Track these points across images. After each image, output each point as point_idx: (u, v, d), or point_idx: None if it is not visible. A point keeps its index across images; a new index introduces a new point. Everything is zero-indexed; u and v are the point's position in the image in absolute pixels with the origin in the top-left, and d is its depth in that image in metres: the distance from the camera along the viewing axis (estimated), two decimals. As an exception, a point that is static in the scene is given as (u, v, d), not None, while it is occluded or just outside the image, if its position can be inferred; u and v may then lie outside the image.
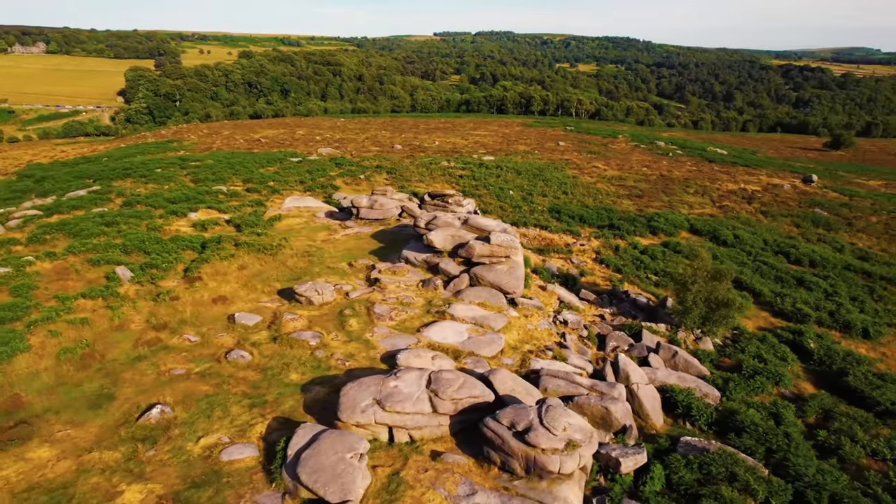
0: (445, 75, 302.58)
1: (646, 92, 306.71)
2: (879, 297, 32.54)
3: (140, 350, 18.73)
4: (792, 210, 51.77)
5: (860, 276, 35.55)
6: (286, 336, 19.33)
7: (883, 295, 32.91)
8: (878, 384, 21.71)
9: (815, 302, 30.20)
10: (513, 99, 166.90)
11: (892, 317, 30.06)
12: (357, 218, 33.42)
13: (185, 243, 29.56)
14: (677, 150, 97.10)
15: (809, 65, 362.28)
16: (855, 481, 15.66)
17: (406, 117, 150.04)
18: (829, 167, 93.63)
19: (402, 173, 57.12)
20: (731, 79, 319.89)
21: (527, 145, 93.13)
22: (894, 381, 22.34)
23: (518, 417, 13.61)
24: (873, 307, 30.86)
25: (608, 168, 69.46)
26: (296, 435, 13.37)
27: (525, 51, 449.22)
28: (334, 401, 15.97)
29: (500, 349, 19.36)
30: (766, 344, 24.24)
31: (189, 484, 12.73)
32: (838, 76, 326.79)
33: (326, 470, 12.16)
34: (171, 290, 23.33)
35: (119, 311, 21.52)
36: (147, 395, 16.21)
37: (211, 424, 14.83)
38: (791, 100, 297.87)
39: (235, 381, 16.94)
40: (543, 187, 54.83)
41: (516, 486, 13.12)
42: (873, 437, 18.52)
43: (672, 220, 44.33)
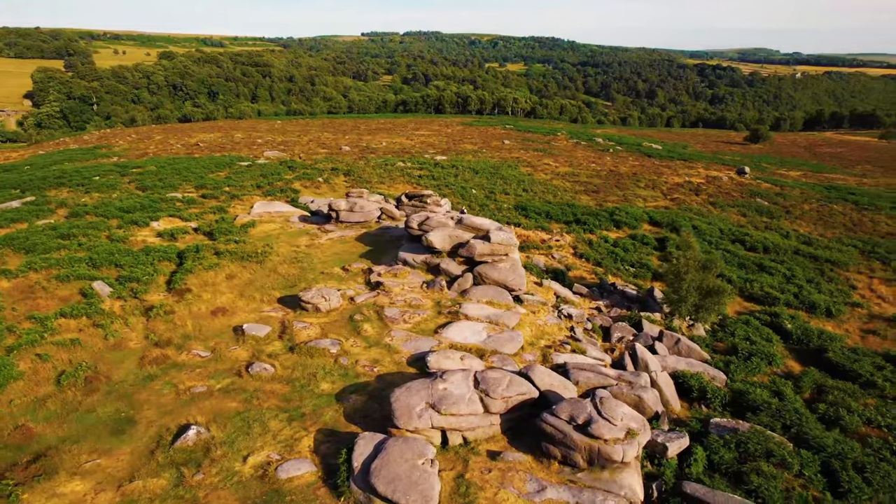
0: (377, 75, 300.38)
1: (574, 90, 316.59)
2: (830, 279, 35.17)
3: (149, 369, 17.57)
4: (736, 200, 55.07)
5: (809, 260, 38.28)
6: (303, 345, 18.69)
7: (832, 276, 35.60)
8: (854, 358, 23.51)
9: (780, 285, 32.28)
10: (450, 99, 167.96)
11: (845, 296, 32.59)
12: (337, 221, 32.68)
13: (160, 254, 27.95)
14: (617, 147, 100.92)
15: (721, 64, 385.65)
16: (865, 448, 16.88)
17: (344, 118, 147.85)
18: (753, 160, 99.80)
19: (361, 175, 56.33)
20: (653, 77, 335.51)
21: (473, 144, 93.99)
22: (866, 355, 24.27)
23: (576, 411, 13.82)
24: (828, 288, 33.34)
25: (559, 165, 71.29)
26: (357, 446, 13.00)
27: (454, 50, 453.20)
28: (374, 408, 15.71)
29: (520, 346, 19.53)
30: (751, 327, 25.72)
31: (251, 505, 12.12)
32: (747, 75, 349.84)
33: (402, 478, 11.90)
34: (163, 304, 22.01)
35: (111, 329, 20.11)
36: (172, 416, 15.26)
37: (253, 442, 14.15)
38: (707, 97, 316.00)
39: (264, 395, 16.23)
40: (503, 185, 55.59)
41: (581, 479, 13.32)
42: (864, 406, 20.05)
43: (632, 213, 46.08)
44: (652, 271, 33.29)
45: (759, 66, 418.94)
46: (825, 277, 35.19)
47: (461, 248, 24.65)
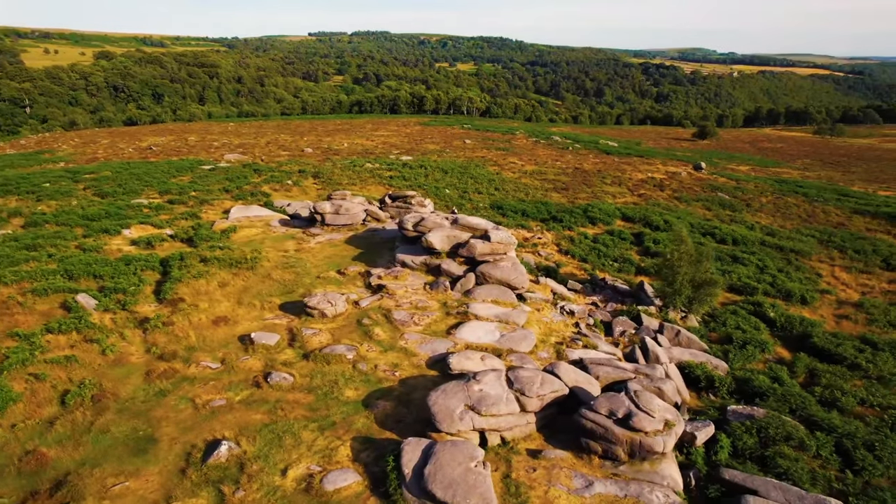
0: (328, 76, 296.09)
1: (524, 90, 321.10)
2: (797, 268, 36.91)
3: (159, 384, 16.77)
4: (699, 195, 57.10)
5: (775, 251, 40.08)
6: (318, 352, 18.25)
7: (799, 265, 37.38)
8: (837, 342, 24.78)
9: (755, 276, 33.67)
10: (405, 99, 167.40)
11: (814, 284, 34.27)
12: (323, 224, 32.05)
13: (142, 263, 26.74)
14: (575, 144, 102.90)
15: (665, 63, 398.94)
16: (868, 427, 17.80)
17: (300, 120, 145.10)
18: (704, 155, 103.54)
19: (330, 177, 55.43)
20: (601, 76, 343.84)
21: (435, 144, 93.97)
22: (847, 339, 25.62)
23: (614, 405, 14.03)
24: (797, 276, 34.99)
25: (525, 163, 72.10)
26: (404, 452, 12.80)
27: (404, 51, 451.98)
28: (404, 413, 15.52)
29: (533, 344, 19.68)
30: (739, 317, 26.73)
31: (302, 519, 11.75)
32: (689, 73, 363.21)
33: (459, 482, 11.79)
34: (159, 315, 21.06)
35: (107, 344, 19.09)
36: (195, 432, 14.63)
37: (288, 454, 13.72)
38: (653, 95, 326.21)
39: (288, 405, 15.75)
40: (475, 184, 55.82)
41: (623, 472, 13.55)
42: (855, 387, 21.15)
43: (605, 209, 47.10)
44: (635, 266, 34.14)
45: (699, 65, 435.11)
46: (793, 266, 36.91)
47: (461, 248, 24.61)
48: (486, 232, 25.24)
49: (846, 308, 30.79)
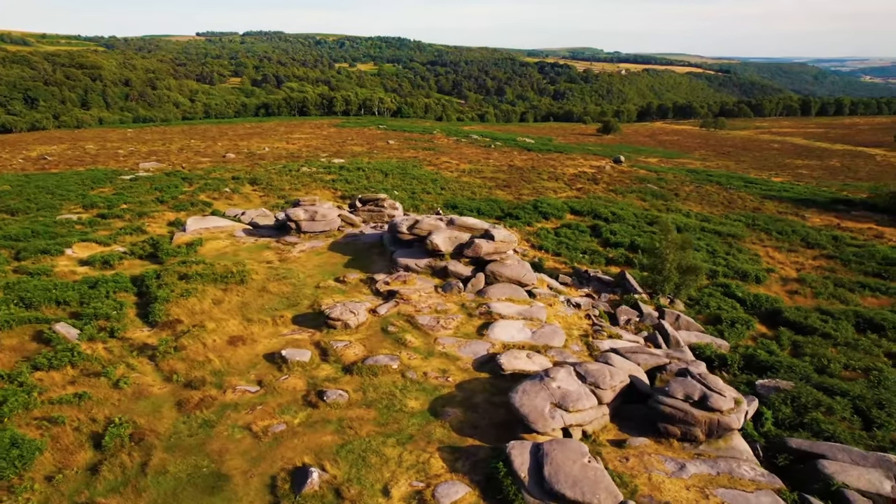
0: (224, 78, 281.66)
1: (428, 89, 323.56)
2: (739, 250, 40.20)
3: (200, 414, 15.37)
4: (630, 187, 60.49)
5: (715, 236, 43.39)
6: (360, 365, 17.53)
7: (740, 248, 40.73)
8: (804, 315, 27.35)
9: (710, 260, 36.25)
10: (314, 100, 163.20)
11: (759, 264, 37.48)
12: (300, 232, 30.64)
13: (112, 285, 24.31)
14: (496, 142, 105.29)
15: (559, 62, 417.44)
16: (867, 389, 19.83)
17: (205, 124, 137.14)
18: (614, 149, 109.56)
19: (270, 183, 53.06)
20: (500, 75, 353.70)
21: (359, 146, 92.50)
22: (808, 312, 28.30)
23: (688, 389, 14.69)
24: (743, 258, 38.11)
25: (459, 162, 72.84)
26: (513, 456, 12.68)
27: (301, 51, 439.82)
28: (475, 417, 15.41)
29: (564, 338, 20.08)
30: (716, 298, 28.73)
31: (430, 537, 11.33)
32: (581, 72, 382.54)
33: (582, 479, 11.88)
34: (165, 340, 19.24)
35: (115, 376, 17.22)
36: (267, 462, 13.60)
37: (381, 473, 13.14)
38: (550, 92, 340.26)
39: (354, 422, 15.03)
40: (420, 185, 55.66)
41: (705, 451, 14.25)
42: (834, 354, 23.45)
43: (553, 204, 48.71)
44: (604, 257, 35.63)
45: (589, 64, 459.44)
46: (735, 249, 40.16)
47: (466, 249, 24.56)
48: (487, 231, 25.36)
49: (792, 284, 33.98)
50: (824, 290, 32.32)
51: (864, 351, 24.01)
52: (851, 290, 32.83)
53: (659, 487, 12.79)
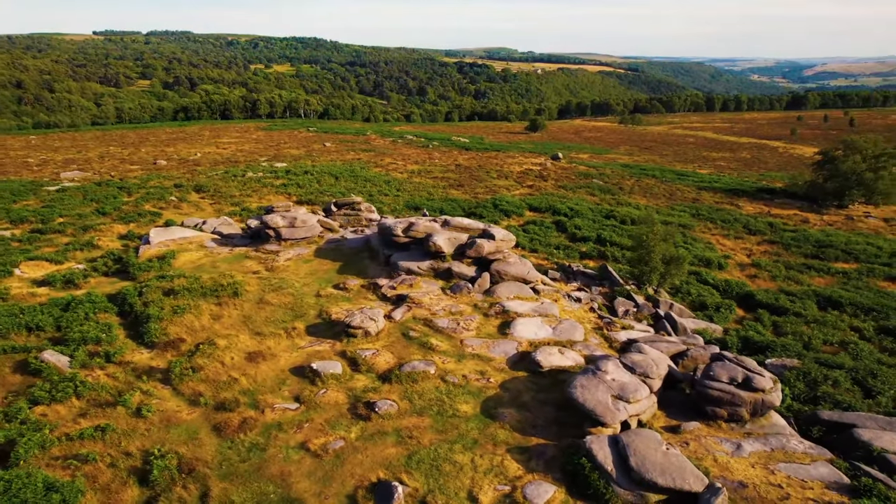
0: (131, 80, 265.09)
1: (349, 90, 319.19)
2: (693, 239, 42.56)
3: (245, 438, 14.46)
4: (577, 183, 62.49)
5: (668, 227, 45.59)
6: (397, 373, 17.12)
7: (694, 237, 43.12)
8: (773, 297, 29.41)
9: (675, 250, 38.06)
10: (237, 103, 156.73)
11: (715, 251, 39.83)
12: (280, 240, 29.37)
13: (90, 306, 22.32)
14: (433, 142, 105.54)
15: (477, 62, 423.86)
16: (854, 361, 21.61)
17: (121, 129, 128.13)
18: (545, 147, 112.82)
19: (218, 190, 50.48)
20: (421, 75, 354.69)
21: (296, 149, 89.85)
22: (774, 294, 30.42)
23: (731, 372, 15.46)
24: (699, 246, 40.36)
25: (405, 163, 72.39)
26: (594, 451, 12.85)
27: (212, 52, 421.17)
28: (529, 416, 15.51)
29: (583, 332, 20.51)
30: (694, 286, 30.28)
31: (536, 539, 11.27)
32: (500, 71, 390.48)
33: (669, 467, 12.24)
34: (178, 361, 17.91)
35: (133, 404, 15.86)
36: (337, 481, 13.03)
37: (461, 481, 12.92)
38: (471, 92, 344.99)
39: (413, 431, 14.67)
40: (375, 187, 54.90)
41: (752, 430, 15.07)
42: (810, 331, 25.37)
43: (512, 202, 49.55)
44: (577, 252, 36.64)
45: (506, 63, 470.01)
46: (689, 238, 42.45)
47: (468, 249, 24.51)
48: (485, 230, 25.45)
49: (749, 269, 36.43)
50: (779, 273, 34.87)
51: (832, 326, 26.13)
52: (800, 272, 35.63)
53: (727, 467, 13.38)
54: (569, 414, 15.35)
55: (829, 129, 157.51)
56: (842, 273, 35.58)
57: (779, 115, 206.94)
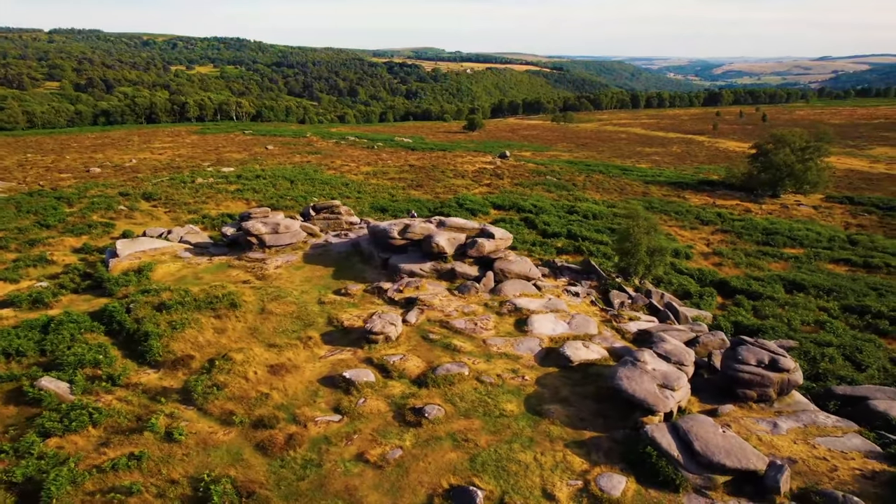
0: (37, 82, 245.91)
1: (277, 91, 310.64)
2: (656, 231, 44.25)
3: (295, 454, 13.86)
4: (532, 180, 63.73)
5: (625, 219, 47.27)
6: (434, 377, 16.93)
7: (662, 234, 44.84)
8: (745, 283, 31.18)
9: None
10: (163, 106, 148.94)
11: (677, 241, 41.70)
12: (264, 247, 28.25)
13: (74, 326, 20.66)
14: (378, 143, 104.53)
15: (406, 62, 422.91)
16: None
17: (35, 135, 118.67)
18: (487, 145, 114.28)
19: (170, 198, 47.94)
20: (351, 76, 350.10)
21: (237, 153, 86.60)
22: (745, 280, 32.20)
23: (758, 356, 16.33)
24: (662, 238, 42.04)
25: (357, 165, 71.36)
26: (657, 439, 13.22)
27: (127, 52, 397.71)
28: (574, 411, 15.77)
29: (596, 326, 21.01)
30: (674, 275, 31.60)
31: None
32: (430, 71, 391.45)
33: (731, 448, 12.79)
34: (198, 380, 16.89)
35: (160, 428, 14.84)
36: (409, 490, 12.76)
37: (531, 479, 12.97)
38: (403, 92, 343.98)
39: (469, 434, 14.57)
40: (336, 190, 53.84)
41: (781, 408, 15.98)
42: (786, 312, 27.11)
43: (476, 201, 49.97)
44: (554, 248, 37.40)
45: (435, 63, 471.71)
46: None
47: (469, 249, 24.53)
48: (482, 230, 25.55)
49: (713, 258, 38.45)
50: (741, 260, 37.01)
51: (803, 307, 28.02)
52: (758, 258, 37.98)
53: (773, 445, 14.12)
54: (609, 406, 15.73)
55: (745, 123, 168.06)
56: (793, 258, 38.19)
57: (698, 111, 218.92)
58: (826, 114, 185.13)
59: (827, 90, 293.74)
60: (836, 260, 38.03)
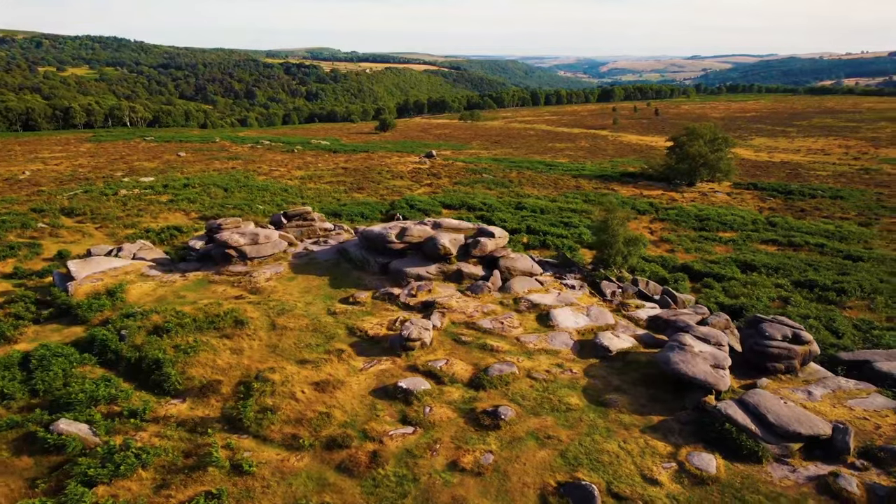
0: None
1: (168, 95, 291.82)
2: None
3: (386, 472, 13.32)
4: (470, 178, 64.54)
5: (573, 213, 49.39)
6: (487, 378, 16.91)
7: (600, 220, 47.05)
8: (706, 267, 33.55)
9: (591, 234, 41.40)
10: (43, 111, 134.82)
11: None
12: (245, 260, 26.61)
13: (63, 361, 18.51)
14: (297, 147, 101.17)
15: (304, 63, 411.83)
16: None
17: None
18: (404, 145, 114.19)
19: (97, 212, 43.68)
20: (247, 77, 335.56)
21: (147, 161, 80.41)
22: (703, 264, 34.62)
23: (781, 331, 17.80)
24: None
25: (287, 169, 68.74)
26: (733, 415, 14.14)
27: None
28: (636, 398, 16.53)
29: (612, 316, 21.88)
30: (645, 264, 33.34)
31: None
32: (329, 72, 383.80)
33: (800, 417, 13.97)
34: (243, 406, 15.70)
35: (223, 462, 13.72)
36: (517, 493, 12.75)
37: (626, 468, 13.42)
38: (303, 93, 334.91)
39: (548, 431, 14.75)
40: (279, 197, 51.59)
41: (806, 377, 17.52)
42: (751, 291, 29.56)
43: (425, 202, 49.92)
44: (522, 244, 38.21)
45: (332, 64, 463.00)
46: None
47: (473, 249, 24.60)
48: (480, 229, 25.71)
49: (664, 245, 40.99)
50: (689, 245, 39.79)
51: (761, 286, 30.68)
52: (701, 243, 40.98)
53: (817, 411, 15.50)
54: (661, 390, 16.55)
55: (639, 118, 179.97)
56: (731, 241, 41.60)
57: (595, 107, 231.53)
58: (707, 108, 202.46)
59: (703, 87, 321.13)
60: (765, 241, 41.87)
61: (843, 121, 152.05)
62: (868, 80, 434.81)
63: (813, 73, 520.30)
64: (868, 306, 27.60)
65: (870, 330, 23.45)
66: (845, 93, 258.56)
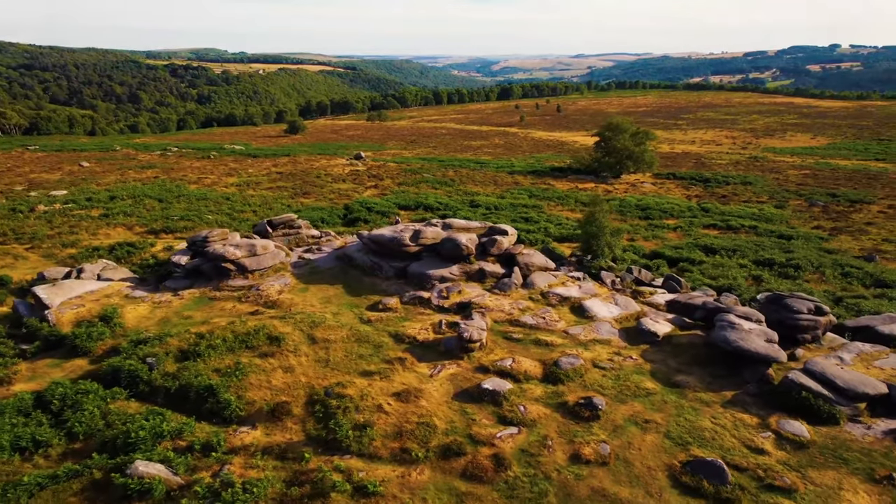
0: None
1: (37, 99, 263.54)
2: (557, 216, 48.32)
3: (514, 473, 13.30)
4: (412, 178, 64.33)
5: (525, 208, 50.89)
6: (560, 372, 17.29)
7: (549, 214, 48.94)
8: (676, 252, 35.89)
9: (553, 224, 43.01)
10: None
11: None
12: (245, 272, 25.02)
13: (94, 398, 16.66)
14: (213, 153, 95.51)
15: (191, 64, 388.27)
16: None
17: None
18: (322, 147, 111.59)
19: (19, 232, 38.91)
20: (130, 80, 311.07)
21: (47, 173, 72.37)
22: (673, 249, 37.05)
23: (802, 305, 19.73)
24: (563, 222, 46.19)
25: (217, 176, 64.80)
26: (807, 384, 15.50)
27: None
28: (697, 377, 17.53)
29: (637, 304, 23.00)
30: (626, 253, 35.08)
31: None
32: (220, 74, 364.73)
33: (861, 380, 15.66)
34: (341, 424, 14.91)
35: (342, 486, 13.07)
36: (648, 476, 13.24)
37: (728, 441, 14.37)
38: (193, 97, 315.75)
39: (643, 415, 15.40)
40: (225, 206, 48.61)
41: (829, 345, 19.52)
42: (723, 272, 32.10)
43: (382, 203, 49.32)
44: (496, 239, 38.82)
45: (221, 65, 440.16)
46: (554, 216, 48.14)
47: (490, 248, 24.80)
48: (491, 227, 25.96)
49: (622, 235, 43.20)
50: (648, 234, 42.32)
51: (730, 267, 33.42)
52: (654, 231, 43.76)
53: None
54: (717, 368, 17.79)
55: (543, 114, 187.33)
56: (678, 228, 44.77)
57: (497, 105, 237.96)
58: (602, 104, 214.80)
59: (592, 84, 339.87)
60: (706, 226, 45.49)
61: (721, 114, 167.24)
62: (730, 77, 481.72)
63: (684, 70, 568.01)
64: (821, 279, 30.94)
65: (842, 299, 26.35)
66: (717, 89, 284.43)
